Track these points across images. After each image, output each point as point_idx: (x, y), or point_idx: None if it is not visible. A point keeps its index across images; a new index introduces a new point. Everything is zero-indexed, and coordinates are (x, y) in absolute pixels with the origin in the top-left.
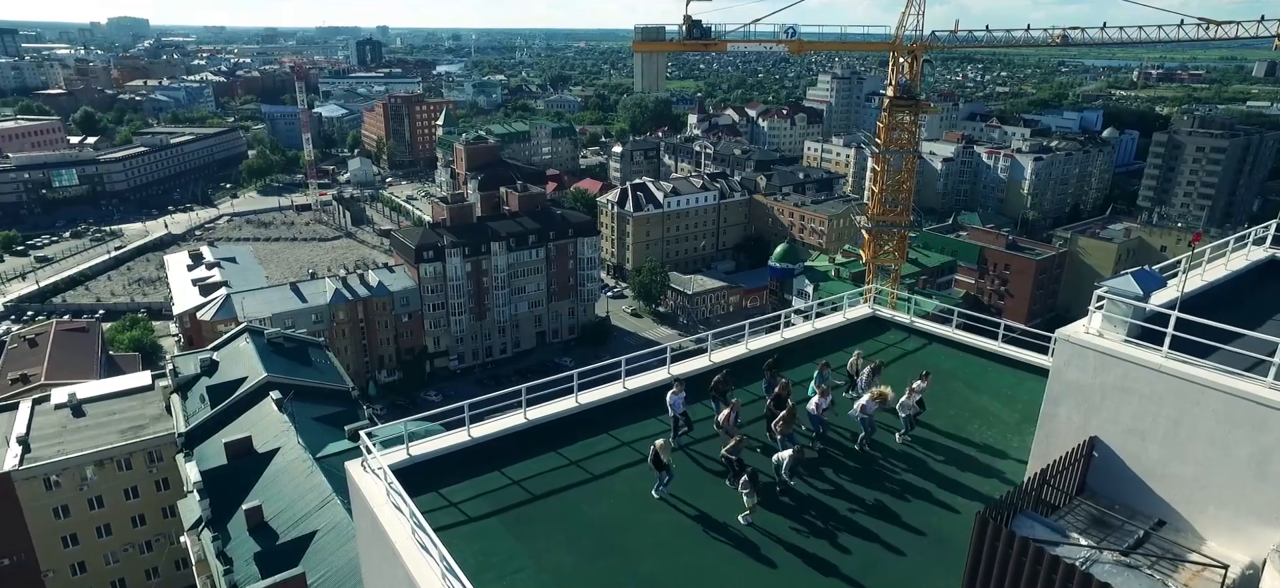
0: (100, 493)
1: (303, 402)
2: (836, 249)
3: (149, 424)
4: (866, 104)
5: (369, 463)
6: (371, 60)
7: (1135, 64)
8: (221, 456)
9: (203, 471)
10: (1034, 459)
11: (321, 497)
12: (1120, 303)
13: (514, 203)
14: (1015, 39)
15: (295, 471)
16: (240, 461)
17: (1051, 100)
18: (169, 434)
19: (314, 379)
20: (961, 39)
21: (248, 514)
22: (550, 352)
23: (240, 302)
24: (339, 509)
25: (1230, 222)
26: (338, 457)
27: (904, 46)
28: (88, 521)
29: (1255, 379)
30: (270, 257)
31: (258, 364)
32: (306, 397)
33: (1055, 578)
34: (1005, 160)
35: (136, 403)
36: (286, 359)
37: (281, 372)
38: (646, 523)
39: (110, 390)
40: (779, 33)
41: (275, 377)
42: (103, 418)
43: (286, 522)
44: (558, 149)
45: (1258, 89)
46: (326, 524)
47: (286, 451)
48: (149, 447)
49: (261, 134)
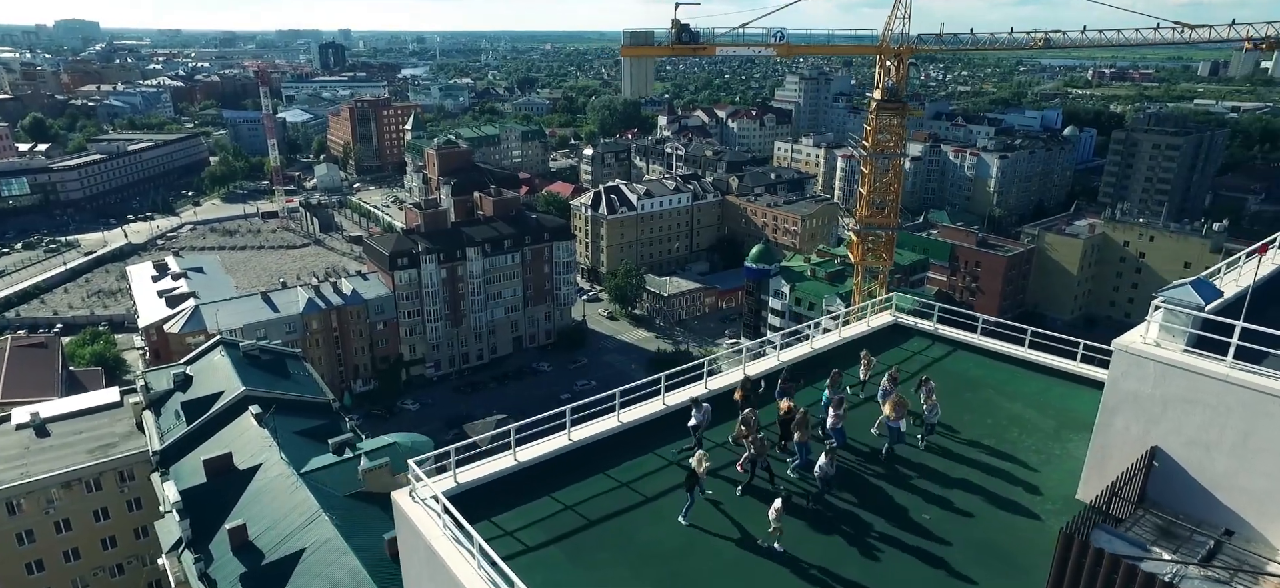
0: (67, 516)
1: (282, 415)
2: (811, 249)
3: (119, 442)
4: (834, 104)
5: (418, 492)
6: (335, 64)
7: (1090, 63)
8: (200, 473)
9: (181, 489)
10: (1089, 470)
11: (308, 513)
12: (1180, 313)
13: (488, 207)
14: (999, 42)
15: (279, 487)
16: (220, 478)
17: (1011, 99)
18: (142, 452)
19: (293, 392)
20: (947, 41)
21: (231, 534)
22: (527, 357)
23: (210, 313)
24: (326, 526)
25: (1186, 216)
26: (322, 472)
27: (891, 49)
28: (54, 545)
29: None
30: (237, 266)
31: (234, 378)
32: (286, 410)
33: None
34: (972, 159)
35: (105, 421)
36: (264, 372)
37: (259, 385)
38: (706, 547)
39: (76, 408)
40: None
41: (254, 390)
42: (68, 437)
43: (272, 541)
44: (528, 152)
45: (1203, 87)
46: (314, 542)
47: (269, 466)
48: (120, 466)
49: (224, 140)
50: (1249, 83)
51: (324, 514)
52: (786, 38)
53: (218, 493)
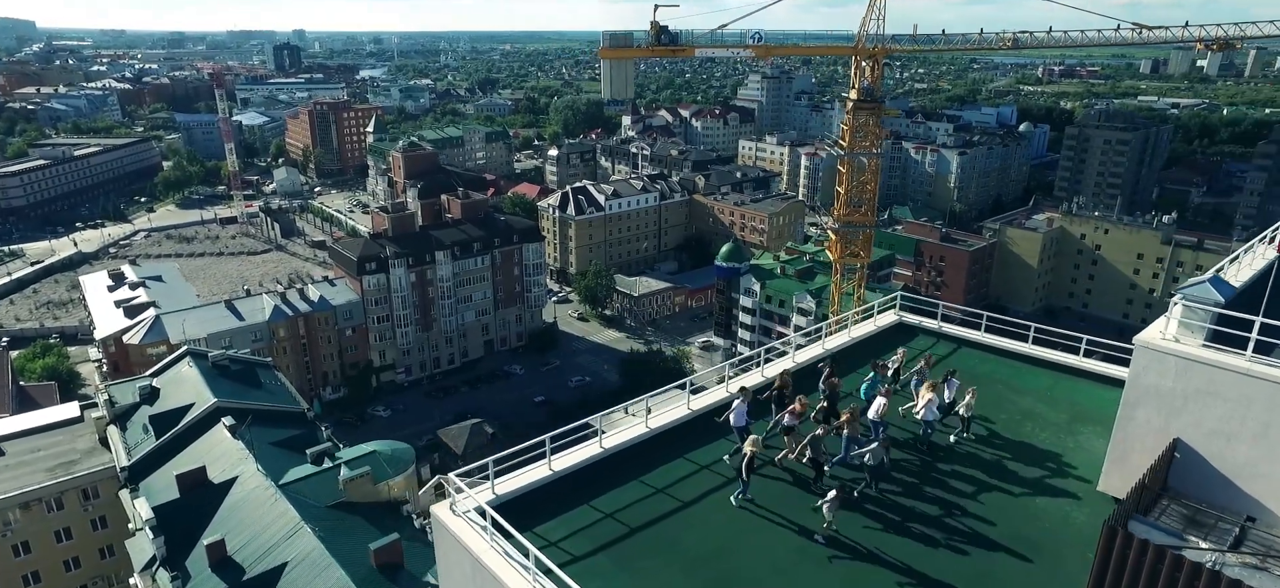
0: (26, 538)
1: (257, 426)
2: (779, 247)
3: (82, 459)
4: (796, 102)
5: (459, 505)
6: (290, 65)
7: (1040, 61)
8: (173, 488)
9: (153, 506)
10: (1110, 462)
11: (289, 526)
12: (1199, 309)
13: (456, 210)
14: (970, 42)
15: (257, 500)
16: (195, 493)
17: (967, 96)
18: (107, 469)
19: (267, 402)
20: (920, 42)
21: (209, 550)
22: (499, 360)
23: (171, 323)
24: (309, 538)
25: (1136, 209)
26: (301, 483)
27: (866, 50)
28: (12, 569)
29: None
30: (196, 273)
31: (204, 389)
32: (260, 421)
33: (1198, 584)
34: (932, 155)
35: (64, 437)
36: (234, 382)
37: (231, 396)
38: (750, 548)
39: (33, 425)
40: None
41: (226, 402)
42: (25, 456)
43: (252, 555)
44: (492, 154)
45: (1145, 84)
46: (297, 555)
47: (245, 479)
48: (83, 484)
49: (177, 144)
50: (1186, 79)
51: (306, 526)
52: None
53: (192, 508)
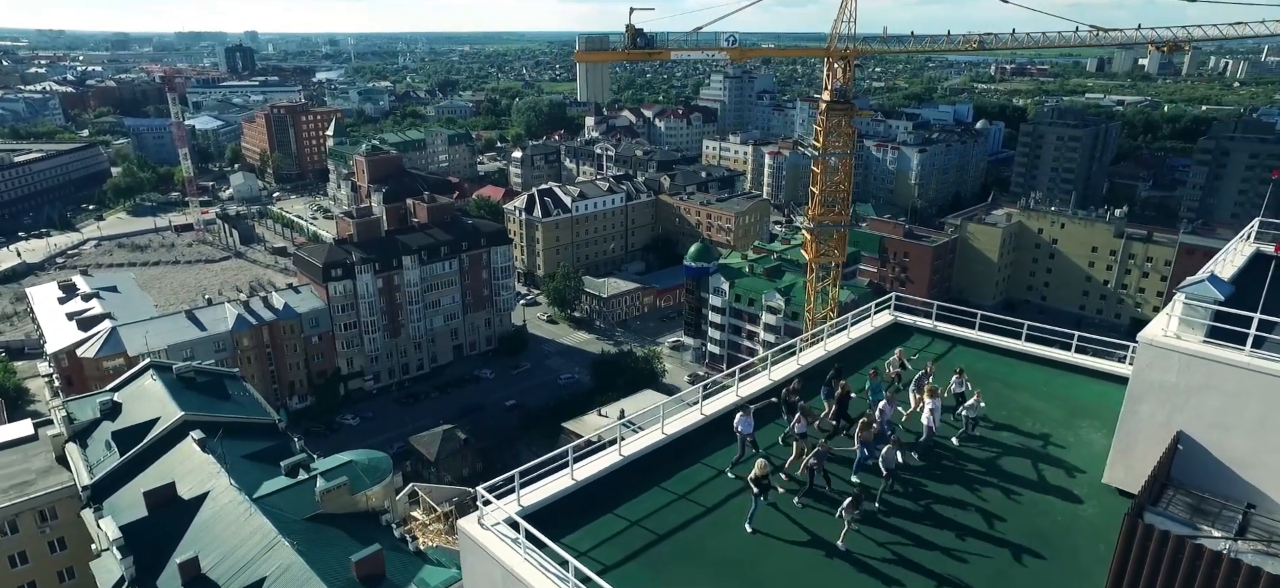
0: None
1: (227, 439)
2: (746, 246)
3: (37, 479)
4: (758, 102)
5: (488, 518)
6: (244, 68)
7: (993, 60)
8: (140, 506)
9: (120, 525)
10: (1115, 454)
11: (266, 540)
12: (1199, 306)
13: (422, 214)
14: (938, 44)
15: (231, 514)
16: (164, 510)
17: (924, 94)
18: (67, 488)
19: (236, 414)
20: (890, 43)
21: (182, 568)
22: (469, 365)
23: (129, 335)
24: (287, 551)
25: (1089, 204)
26: (276, 496)
27: (838, 52)
28: None
29: None
30: (151, 283)
31: (170, 403)
32: (231, 434)
33: (1217, 572)
34: (893, 153)
35: (17, 456)
36: (201, 395)
37: (198, 409)
38: (777, 554)
39: None
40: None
41: (193, 415)
42: None
43: (228, 571)
44: (455, 156)
45: (1092, 82)
46: (276, 569)
47: (217, 493)
48: (40, 504)
49: (126, 149)
50: (1130, 77)
51: (283, 540)
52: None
53: (162, 526)
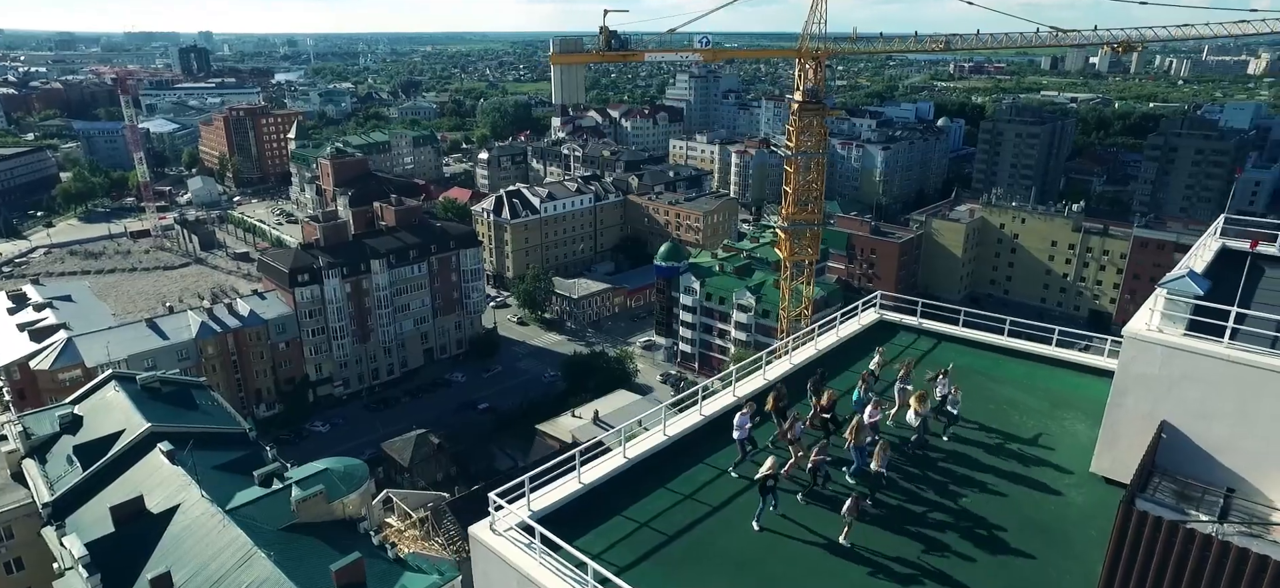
0: None
1: (197, 450)
2: (715, 244)
3: None
4: (723, 101)
5: (500, 523)
6: (199, 69)
7: (951, 58)
8: (107, 522)
9: (86, 542)
10: (1102, 445)
11: (241, 552)
12: (1180, 300)
13: (390, 217)
14: (905, 44)
15: (204, 527)
16: (132, 525)
17: (885, 92)
18: (24, 506)
19: (205, 424)
20: (860, 44)
21: (153, 584)
22: (440, 368)
23: (86, 345)
24: (264, 563)
25: (1048, 199)
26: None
27: (810, 52)
28: None
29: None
30: (108, 291)
31: (135, 414)
32: (201, 445)
33: (1208, 554)
34: (858, 150)
35: None
36: (168, 405)
37: (165, 420)
38: (784, 550)
39: None
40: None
41: (160, 426)
42: None
43: (202, 585)
44: (420, 158)
45: (1046, 80)
46: (253, 582)
47: (188, 506)
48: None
49: (76, 153)
50: (1082, 75)
51: (259, 551)
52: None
53: (131, 541)
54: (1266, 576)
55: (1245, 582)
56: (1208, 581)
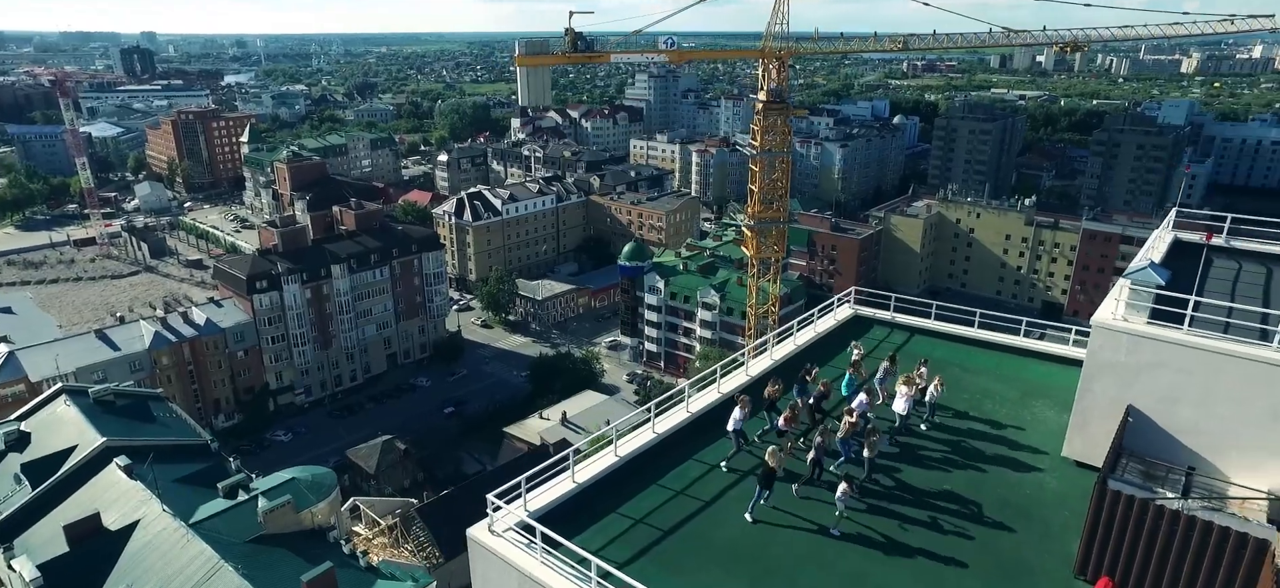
0: None
1: (157, 464)
2: (678, 244)
3: None
4: (683, 100)
5: (498, 523)
6: (143, 71)
7: (905, 57)
8: (60, 542)
9: (38, 564)
10: (1073, 429)
11: (206, 566)
12: (1143, 290)
13: (350, 221)
14: (866, 45)
15: (166, 542)
16: (87, 544)
17: (841, 91)
18: None
19: (164, 437)
20: (822, 44)
21: None
22: (404, 373)
23: (31, 359)
24: (231, 576)
25: (1002, 193)
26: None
27: (774, 53)
28: None
29: (1264, 346)
30: (51, 301)
31: (89, 429)
32: (160, 458)
33: (1177, 527)
34: (816, 148)
35: None
36: (124, 419)
37: (121, 434)
38: (780, 540)
39: None
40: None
41: (116, 440)
42: None
43: None
44: (378, 161)
45: (996, 78)
46: None
47: (149, 521)
48: None
49: (11, 158)
50: (1028, 73)
51: (226, 565)
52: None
53: (87, 560)
54: (1229, 545)
55: (1209, 552)
56: (1176, 551)
